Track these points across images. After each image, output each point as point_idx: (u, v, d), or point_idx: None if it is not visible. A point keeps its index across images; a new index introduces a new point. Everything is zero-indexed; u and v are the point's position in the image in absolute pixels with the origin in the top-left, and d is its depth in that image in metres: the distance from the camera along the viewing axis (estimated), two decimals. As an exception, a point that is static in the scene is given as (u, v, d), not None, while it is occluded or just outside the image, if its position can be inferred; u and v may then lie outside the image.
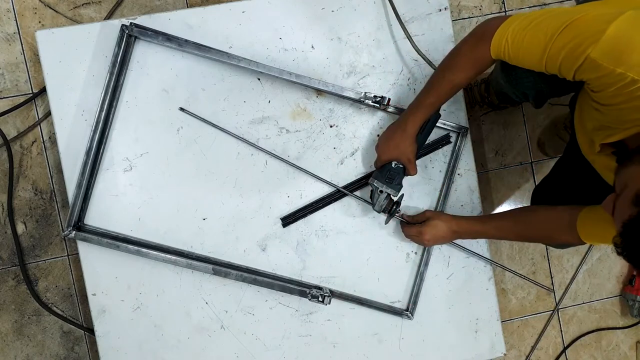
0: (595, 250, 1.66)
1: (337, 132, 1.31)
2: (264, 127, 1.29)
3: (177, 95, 1.26)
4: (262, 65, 1.21)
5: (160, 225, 1.28)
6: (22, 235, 1.45)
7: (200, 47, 1.21)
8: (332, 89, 1.23)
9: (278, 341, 1.33)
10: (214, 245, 1.29)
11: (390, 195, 1.21)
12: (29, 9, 1.41)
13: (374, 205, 1.23)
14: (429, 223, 1.23)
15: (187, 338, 1.31)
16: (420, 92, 1.13)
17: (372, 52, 1.31)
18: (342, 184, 1.32)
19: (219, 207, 1.29)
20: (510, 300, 1.63)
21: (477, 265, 1.38)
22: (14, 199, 1.43)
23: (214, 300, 1.30)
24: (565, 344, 1.67)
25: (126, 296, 1.28)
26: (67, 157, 1.24)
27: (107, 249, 1.24)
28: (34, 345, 1.48)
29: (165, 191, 1.28)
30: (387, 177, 1.20)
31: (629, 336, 1.70)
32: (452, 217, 1.24)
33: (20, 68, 1.42)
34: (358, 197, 1.30)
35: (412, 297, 1.34)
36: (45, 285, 1.47)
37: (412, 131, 1.15)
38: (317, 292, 1.26)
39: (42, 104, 1.42)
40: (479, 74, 1.05)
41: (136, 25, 1.19)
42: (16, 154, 1.42)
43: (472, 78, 1.05)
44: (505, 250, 1.62)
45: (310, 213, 1.31)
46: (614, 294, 1.68)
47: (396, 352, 1.37)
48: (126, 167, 1.27)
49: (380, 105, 1.23)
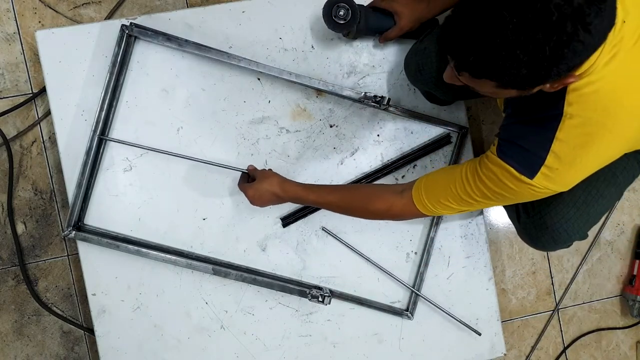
0: (596, 250, 1.66)
1: (337, 132, 1.31)
2: (264, 127, 1.29)
3: (177, 95, 1.26)
4: (262, 65, 1.21)
5: (160, 225, 1.28)
6: (22, 235, 1.45)
7: (200, 47, 1.21)
8: (332, 89, 1.23)
9: (278, 341, 1.33)
10: (214, 245, 1.29)
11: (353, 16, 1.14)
12: (29, 9, 1.41)
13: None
14: (256, 182, 1.15)
15: (187, 338, 1.31)
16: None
17: (372, 52, 1.31)
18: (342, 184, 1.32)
19: (219, 207, 1.29)
20: (510, 300, 1.63)
21: (477, 265, 1.38)
22: (14, 199, 1.43)
23: (214, 300, 1.30)
24: (565, 344, 1.67)
25: (126, 296, 1.28)
26: (67, 157, 1.24)
27: (107, 249, 1.24)
28: (34, 345, 1.47)
29: (165, 191, 1.28)
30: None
31: (629, 336, 1.70)
32: (282, 179, 1.15)
33: (20, 68, 1.42)
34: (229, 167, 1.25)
35: (412, 297, 1.34)
36: (45, 285, 1.47)
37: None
38: (317, 292, 1.26)
39: (42, 104, 1.42)
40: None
41: (136, 25, 1.19)
42: (16, 154, 1.42)
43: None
44: (506, 250, 1.61)
45: (310, 213, 1.31)
46: (614, 294, 1.68)
47: (396, 352, 1.37)
48: (126, 167, 1.27)
49: (380, 105, 1.23)
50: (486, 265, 1.38)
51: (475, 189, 0.89)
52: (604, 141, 0.78)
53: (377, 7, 1.18)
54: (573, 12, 0.62)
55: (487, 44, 0.66)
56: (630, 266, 1.67)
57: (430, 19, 1.17)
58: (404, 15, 1.15)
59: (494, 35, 0.64)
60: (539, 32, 0.62)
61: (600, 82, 0.73)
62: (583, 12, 0.62)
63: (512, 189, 0.84)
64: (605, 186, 1.03)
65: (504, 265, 1.62)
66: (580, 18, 0.62)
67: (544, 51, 0.64)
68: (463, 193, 0.91)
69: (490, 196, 0.88)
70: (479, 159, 0.90)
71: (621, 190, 1.08)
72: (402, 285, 1.35)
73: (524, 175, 0.81)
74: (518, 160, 0.82)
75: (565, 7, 0.61)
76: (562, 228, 1.06)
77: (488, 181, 0.86)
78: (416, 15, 1.15)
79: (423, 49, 1.13)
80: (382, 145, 1.33)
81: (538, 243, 1.12)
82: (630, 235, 1.67)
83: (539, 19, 0.62)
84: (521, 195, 0.85)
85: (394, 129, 1.32)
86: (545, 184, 0.82)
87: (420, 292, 1.34)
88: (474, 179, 0.88)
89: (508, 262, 1.62)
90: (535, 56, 0.64)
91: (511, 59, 0.65)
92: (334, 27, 1.16)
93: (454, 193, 0.92)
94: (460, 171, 0.92)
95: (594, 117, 0.76)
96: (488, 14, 0.65)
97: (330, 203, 1.10)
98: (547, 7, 0.61)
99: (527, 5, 0.62)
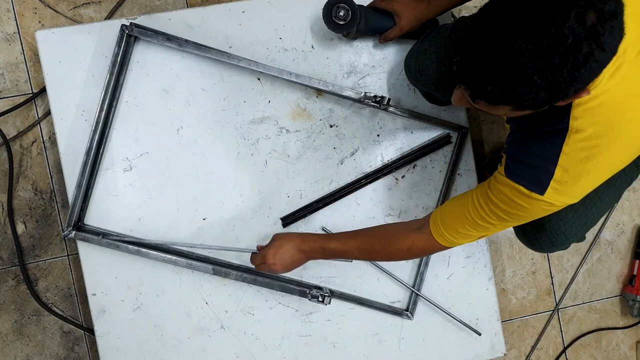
0: (596, 250, 1.66)
1: (337, 132, 1.31)
2: (264, 127, 1.29)
3: (177, 95, 1.26)
4: (262, 65, 1.21)
5: (160, 226, 1.28)
6: (22, 235, 1.45)
7: (200, 47, 1.21)
8: (332, 89, 1.23)
9: (278, 341, 1.33)
10: (214, 245, 1.29)
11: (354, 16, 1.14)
12: (29, 9, 1.41)
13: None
14: (272, 244, 1.11)
15: (187, 338, 1.31)
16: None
17: (372, 52, 1.31)
18: (342, 184, 1.32)
19: (219, 207, 1.29)
20: (510, 300, 1.63)
21: (477, 265, 1.38)
22: (14, 199, 1.43)
23: (214, 300, 1.30)
24: (565, 344, 1.67)
25: (126, 296, 1.28)
26: (67, 157, 1.24)
27: (107, 249, 1.24)
28: (34, 345, 1.47)
29: (165, 191, 1.28)
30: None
31: (629, 336, 1.70)
32: (299, 235, 1.12)
33: (20, 68, 1.42)
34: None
35: (412, 297, 1.34)
36: (45, 285, 1.47)
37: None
38: (317, 292, 1.26)
39: (42, 104, 1.42)
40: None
41: (136, 25, 1.19)
42: (16, 154, 1.42)
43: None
44: (506, 250, 1.62)
45: (310, 213, 1.31)
46: (614, 294, 1.68)
47: (396, 352, 1.37)
48: (126, 167, 1.27)
49: (380, 105, 1.23)
50: (486, 265, 1.38)
51: (489, 213, 0.88)
52: (610, 153, 0.79)
53: (377, 7, 1.18)
54: (587, 33, 0.61)
55: (505, 73, 0.65)
56: (630, 266, 1.67)
57: (430, 19, 1.17)
58: (404, 16, 1.15)
59: (510, 63, 0.64)
60: (555, 56, 0.62)
61: (604, 96, 0.73)
62: (597, 32, 0.62)
63: (525, 207, 0.84)
64: (603, 189, 1.02)
65: (504, 265, 1.62)
66: (594, 38, 0.62)
67: (561, 74, 0.63)
68: (479, 219, 0.90)
69: (506, 217, 0.88)
70: (488, 182, 0.89)
71: (619, 192, 1.08)
72: (402, 285, 1.35)
73: (535, 192, 0.81)
74: (527, 178, 0.82)
75: (578, 29, 0.61)
76: (559, 230, 1.06)
77: (500, 203, 0.86)
78: (416, 15, 1.15)
79: (423, 50, 1.13)
80: (382, 145, 1.33)
81: (536, 245, 1.12)
82: (630, 235, 1.67)
83: (555, 44, 0.62)
84: (535, 212, 0.86)
85: (394, 129, 1.32)
86: (556, 197, 0.82)
87: (420, 292, 1.34)
88: (486, 203, 0.88)
89: (508, 262, 1.62)
90: (553, 80, 0.64)
91: (529, 85, 0.65)
92: (334, 28, 1.16)
93: (470, 220, 0.91)
94: (472, 197, 0.91)
95: (599, 131, 0.76)
96: (502, 43, 0.64)
97: (352, 249, 1.07)
98: (561, 31, 0.61)
99: (541, 31, 0.62)
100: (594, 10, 0.61)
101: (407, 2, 1.14)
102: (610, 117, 0.75)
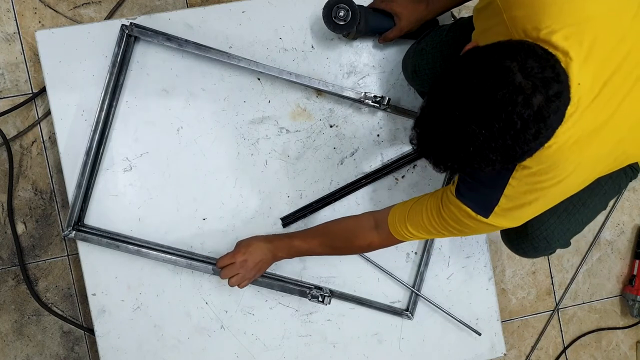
0: (596, 250, 1.66)
1: (337, 132, 1.31)
2: (264, 127, 1.29)
3: (177, 95, 1.26)
4: (262, 65, 1.21)
5: (160, 226, 1.28)
6: (22, 235, 1.45)
7: (200, 47, 1.21)
8: (332, 89, 1.23)
9: (278, 341, 1.33)
10: (214, 245, 1.29)
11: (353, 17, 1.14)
12: (29, 9, 1.41)
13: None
14: (240, 245, 1.15)
15: (187, 338, 1.31)
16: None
17: (372, 52, 1.31)
18: (342, 184, 1.32)
19: (219, 207, 1.29)
20: (510, 300, 1.63)
21: (477, 265, 1.38)
22: (14, 199, 1.43)
23: (214, 300, 1.30)
24: (565, 344, 1.67)
25: (126, 296, 1.28)
26: (67, 157, 1.24)
27: (107, 249, 1.24)
28: (34, 345, 1.48)
29: (165, 191, 1.28)
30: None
31: (629, 336, 1.70)
32: (262, 235, 1.19)
33: (20, 68, 1.42)
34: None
35: (412, 297, 1.34)
36: (45, 285, 1.47)
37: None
38: (317, 292, 1.26)
39: (42, 104, 1.42)
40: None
41: (136, 25, 1.19)
42: (16, 154, 1.42)
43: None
44: (506, 250, 1.61)
45: (311, 213, 1.31)
46: (614, 294, 1.68)
47: (396, 352, 1.37)
48: (126, 167, 1.27)
49: (380, 105, 1.23)
50: (486, 265, 1.38)
51: (439, 224, 0.95)
52: (552, 189, 0.84)
53: (376, 8, 1.18)
54: (534, 116, 0.67)
55: (462, 154, 0.71)
56: (630, 266, 1.68)
57: (430, 20, 1.17)
58: (404, 17, 1.16)
59: (467, 146, 0.70)
60: (507, 138, 0.68)
61: (554, 143, 0.77)
62: (542, 115, 0.67)
63: (471, 226, 0.92)
64: (588, 195, 1.05)
65: (504, 265, 1.62)
66: (541, 119, 0.67)
67: (514, 150, 0.69)
68: (430, 226, 0.97)
69: (453, 231, 0.95)
70: (440, 196, 0.95)
71: (606, 200, 1.09)
72: (402, 285, 1.35)
73: (480, 215, 0.88)
74: (474, 201, 0.89)
75: (526, 113, 0.66)
76: (541, 236, 1.07)
77: (449, 219, 0.93)
78: (416, 16, 1.15)
79: (420, 50, 1.14)
80: (382, 145, 1.33)
81: (519, 250, 1.15)
82: (630, 235, 1.67)
83: (505, 128, 0.67)
84: (480, 230, 0.93)
85: (394, 129, 1.32)
86: (499, 221, 0.89)
87: (420, 292, 1.34)
88: (438, 215, 0.95)
89: (508, 262, 1.63)
90: (507, 155, 0.70)
91: (486, 161, 0.71)
92: (334, 28, 1.16)
93: (423, 226, 0.98)
94: (426, 207, 0.98)
95: (545, 169, 0.81)
96: (458, 128, 0.69)
97: (315, 247, 1.15)
98: (511, 117, 0.66)
99: (492, 118, 0.67)
100: (539, 94, 0.66)
101: (407, 3, 1.15)
102: (556, 159, 0.80)
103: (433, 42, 1.12)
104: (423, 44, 1.14)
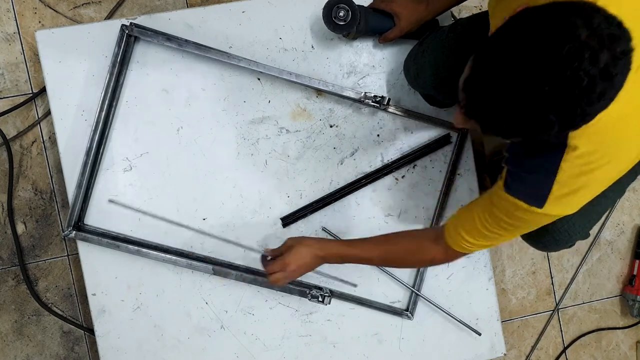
0: (596, 250, 1.66)
1: (337, 132, 1.31)
2: (264, 127, 1.29)
3: (177, 95, 1.26)
4: (262, 65, 1.21)
5: (160, 226, 1.28)
6: (22, 235, 1.45)
7: (200, 47, 1.21)
8: (332, 89, 1.23)
9: (278, 341, 1.33)
10: (214, 245, 1.29)
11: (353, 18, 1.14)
12: (29, 9, 1.41)
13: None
14: (291, 252, 1.09)
15: (187, 338, 1.31)
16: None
17: (372, 52, 1.31)
18: (342, 184, 1.32)
19: (219, 207, 1.29)
20: (510, 300, 1.63)
21: (477, 265, 1.38)
22: (14, 199, 1.43)
23: (214, 300, 1.30)
24: (565, 344, 1.67)
25: (126, 296, 1.28)
26: (67, 157, 1.24)
27: (107, 249, 1.24)
28: (34, 345, 1.48)
29: (165, 191, 1.28)
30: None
31: (629, 336, 1.70)
32: (316, 240, 1.12)
33: (20, 68, 1.42)
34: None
35: (412, 297, 1.34)
36: (45, 285, 1.47)
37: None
38: (317, 292, 1.26)
39: (42, 104, 1.42)
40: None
41: (136, 25, 1.19)
42: (16, 154, 1.42)
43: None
44: (506, 250, 1.62)
45: (311, 213, 1.31)
46: (614, 294, 1.68)
47: (396, 352, 1.37)
48: (126, 167, 1.27)
49: (380, 105, 1.23)
50: (486, 265, 1.38)
51: (492, 223, 0.91)
52: (604, 169, 0.81)
53: (376, 8, 1.18)
54: (601, 74, 0.62)
55: (521, 114, 0.66)
56: (630, 266, 1.67)
57: (430, 20, 1.17)
58: (404, 17, 1.15)
59: (527, 105, 0.65)
60: (570, 97, 0.63)
61: (603, 117, 0.73)
62: (609, 73, 0.63)
63: (525, 219, 0.87)
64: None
65: (504, 265, 1.62)
66: (608, 78, 0.63)
67: (575, 112, 0.65)
68: (483, 228, 0.93)
69: (508, 227, 0.90)
70: (490, 196, 0.92)
71: (623, 187, 1.08)
72: (402, 285, 1.35)
73: (534, 207, 0.84)
74: (526, 193, 0.84)
75: (593, 70, 0.62)
76: (563, 228, 1.06)
77: (502, 215, 0.89)
78: (416, 16, 1.15)
79: (421, 53, 1.13)
80: (382, 145, 1.33)
81: (539, 244, 1.13)
82: (630, 235, 1.67)
83: (570, 86, 0.63)
84: (536, 222, 0.89)
85: (394, 129, 1.32)
86: (555, 210, 0.84)
87: (420, 292, 1.34)
88: (490, 214, 0.91)
89: (508, 262, 1.63)
90: (567, 117, 0.66)
91: (545, 123, 0.66)
92: (334, 29, 1.16)
93: (476, 228, 0.94)
94: (477, 210, 0.94)
95: (595, 148, 0.78)
96: (519, 84, 0.65)
97: (374, 257, 1.10)
98: (577, 74, 0.62)
99: (557, 74, 0.63)
100: (606, 51, 0.62)
101: (407, 3, 1.15)
102: (606, 136, 0.77)
103: (434, 45, 1.11)
104: (424, 46, 1.14)
